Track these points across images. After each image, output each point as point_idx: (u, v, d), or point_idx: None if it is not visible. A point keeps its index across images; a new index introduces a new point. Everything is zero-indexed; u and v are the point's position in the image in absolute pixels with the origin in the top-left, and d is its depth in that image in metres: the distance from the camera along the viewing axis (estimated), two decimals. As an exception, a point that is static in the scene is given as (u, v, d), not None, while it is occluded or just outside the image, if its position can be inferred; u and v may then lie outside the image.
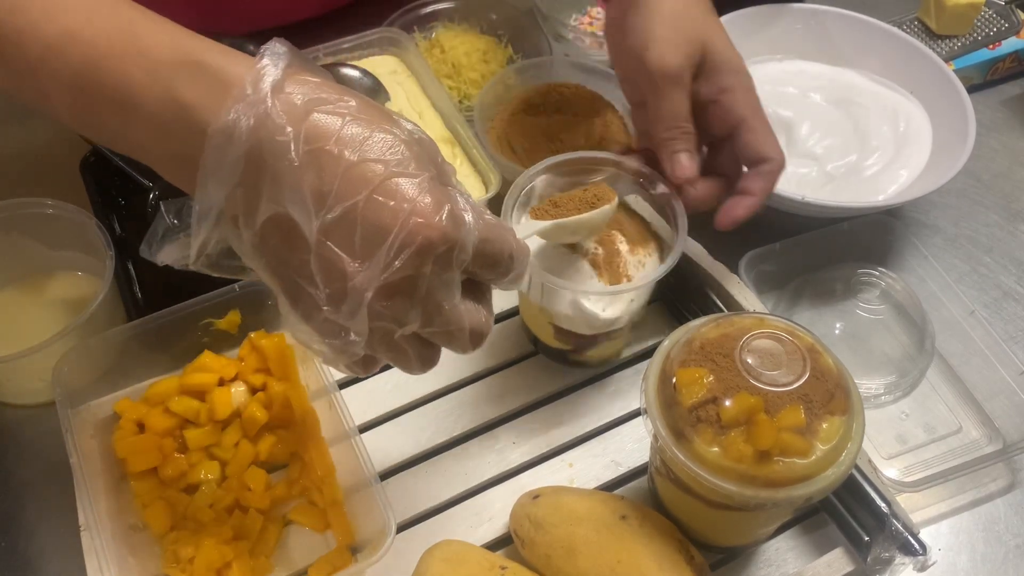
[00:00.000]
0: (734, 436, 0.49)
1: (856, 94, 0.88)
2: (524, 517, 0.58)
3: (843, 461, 0.50)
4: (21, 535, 0.63)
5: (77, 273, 0.73)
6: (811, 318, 0.75)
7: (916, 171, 0.81)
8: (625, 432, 0.67)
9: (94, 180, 0.75)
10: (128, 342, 0.64)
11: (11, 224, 0.70)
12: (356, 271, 0.40)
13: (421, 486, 0.64)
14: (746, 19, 0.89)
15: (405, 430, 0.66)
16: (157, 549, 0.60)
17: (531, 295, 0.63)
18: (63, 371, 0.61)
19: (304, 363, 0.66)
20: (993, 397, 0.70)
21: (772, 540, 0.62)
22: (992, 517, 0.65)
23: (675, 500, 0.58)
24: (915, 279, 0.76)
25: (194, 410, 0.63)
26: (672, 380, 0.52)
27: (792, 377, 0.50)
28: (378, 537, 0.56)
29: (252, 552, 0.59)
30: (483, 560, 0.56)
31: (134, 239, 0.73)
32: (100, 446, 0.62)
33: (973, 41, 0.95)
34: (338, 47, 0.82)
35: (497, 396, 0.68)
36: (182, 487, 0.62)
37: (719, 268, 0.71)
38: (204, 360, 0.65)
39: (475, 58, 0.87)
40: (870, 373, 0.72)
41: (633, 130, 0.82)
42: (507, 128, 0.81)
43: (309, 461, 0.63)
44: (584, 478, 0.64)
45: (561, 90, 0.82)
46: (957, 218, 0.85)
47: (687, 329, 0.55)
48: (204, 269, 0.45)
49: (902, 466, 0.67)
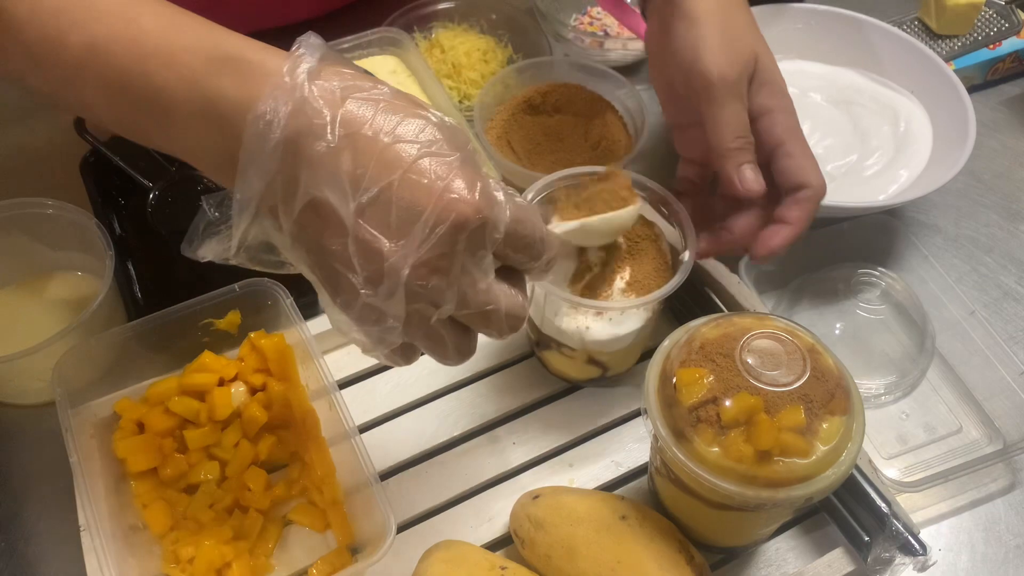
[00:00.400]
0: (734, 436, 0.49)
1: (856, 94, 0.88)
2: (524, 517, 0.58)
3: (843, 461, 0.50)
4: (21, 535, 0.63)
5: (77, 273, 0.73)
6: (811, 318, 0.75)
7: (916, 171, 0.81)
8: (625, 432, 0.67)
9: (94, 180, 0.75)
10: (128, 342, 0.64)
11: (11, 224, 0.70)
12: (393, 250, 0.41)
13: (421, 486, 0.64)
14: (746, 19, 0.89)
15: (405, 430, 0.66)
16: (157, 549, 0.60)
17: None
18: (63, 371, 0.61)
19: (304, 363, 0.66)
20: (993, 397, 0.70)
21: (772, 540, 0.62)
22: (992, 517, 0.65)
23: (675, 500, 0.58)
24: (915, 279, 0.76)
25: (194, 410, 0.63)
26: (672, 380, 0.52)
27: (792, 377, 0.50)
28: (378, 537, 0.55)
29: (252, 552, 0.59)
30: (483, 560, 0.56)
31: (134, 239, 0.74)
32: (100, 446, 0.62)
33: (973, 41, 0.95)
34: (338, 47, 0.82)
35: (497, 396, 0.68)
36: (182, 487, 0.62)
37: (719, 268, 0.71)
38: (204, 360, 0.65)
39: (475, 58, 0.87)
40: (870, 373, 0.72)
41: (633, 131, 0.82)
42: (507, 128, 0.81)
43: (309, 461, 0.62)
44: (584, 478, 0.64)
45: (561, 90, 0.82)
46: (957, 218, 0.85)
47: (687, 329, 0.55)
48: (245, 263, 0.46)
49: (902, 466, 0.67)
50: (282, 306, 0.65)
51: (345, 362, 0.69)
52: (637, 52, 0.92)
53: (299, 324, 0.64)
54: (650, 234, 0.63)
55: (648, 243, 0.63)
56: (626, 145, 0.80)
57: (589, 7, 0.98)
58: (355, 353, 0.70)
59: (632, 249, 0.63)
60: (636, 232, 0.63)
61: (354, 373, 0.69)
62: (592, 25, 0.96)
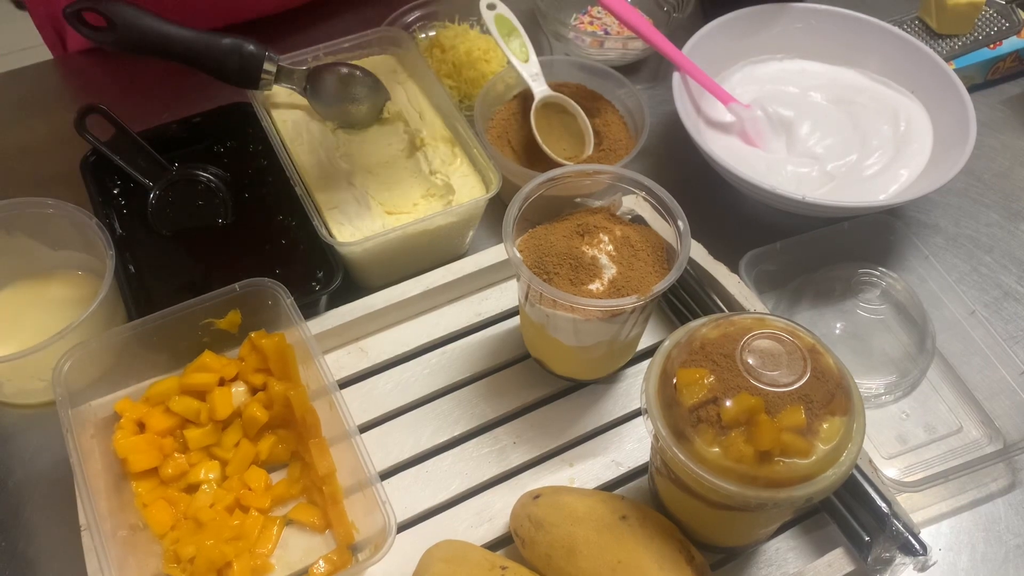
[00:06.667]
0: (735, 436, 0.49)
1: (856, 94, 0.88)
2: (524, 517, 0.58)
3: (844, 461, 0.50)
4: (21, 535, 0.63)
5: (77, 273, 0.73)
6: (811, 318, 0.75)
7: (916, 171, 0.81)
8: (625, 432, 0.67)
9: (94, 180, 0.75)
10: (128, 342, 0.64)
11: (11, 224, 0.70)
12: None
13: (421, 486, 0.64)
14: (746, 19, 0.89)
15: (405, 430, 0.66)
16: (157, 549, 0.60)
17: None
18: (63, 371, 0.60)
19: (304, 363, 0.66)
20: (993, 397, 0.70)
21: (772, 540, 0.62)
22: (992, 517, 0.65)
23: (675, 500, 0.58)
24: (915, 279, 0.76)
25: (194, 410, 0.64)
26: (673, 380, 0.52)
27: (793, 377, 0.50)
28: (378, 537, 0.56)
29: (252, 552, 0.59)
30: (483, 560, 0.56)
31: (134, 239, 0.74)
32: (100, 446, 0.62)
33: (974, 40, 0.95)
34: (338, 47, 0.82)
35: (497, 396, 0.68)
36: (182, 487, 0.62)
37: (719, 268, 0.71)
38: (204, 360, 0.65)
39: (475, 58, 0.87)
40: (870, 373, 0.72)
41: (633, 130, 0.82)
42: (507, 128, 0.81)
43: (309, 461, 0.62)
44: (584, 478, 0.64)
45: (561, 90, 0.82)
46: (958, 218, 0.85)
47: (687, 329, 0.55)
48: None
49: (902, 466, 0.67)
50: (282, 306, 0.65)
51: (345, 362, 0.69)
52: (637, 52, 0.92)
53: (299, 324, 0.64)
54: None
55: (644, 245, 0.63)
56: (626, 144, 0.80)
57: (589, 7, 0.98)
58: (355, 353, 0.70)
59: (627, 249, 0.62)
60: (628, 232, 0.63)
61: (354, 373, 0.69)
62: (592, 24, 0.96)
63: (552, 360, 0.68)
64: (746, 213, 0.83)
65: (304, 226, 0.72)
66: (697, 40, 0.86)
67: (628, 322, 0.62)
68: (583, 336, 0.62)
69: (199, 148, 0.80)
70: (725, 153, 0.80)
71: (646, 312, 0.63)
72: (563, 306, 0.59)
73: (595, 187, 0.65)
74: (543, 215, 0.64)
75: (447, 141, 0.78)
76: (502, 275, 0.75)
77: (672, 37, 0.85)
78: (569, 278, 0.60)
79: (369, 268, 0.73)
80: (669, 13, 0.96)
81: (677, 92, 0.82)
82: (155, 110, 0.83)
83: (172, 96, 0.88)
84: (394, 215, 0.73)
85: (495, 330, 0.72)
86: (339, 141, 0.78)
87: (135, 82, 0.91)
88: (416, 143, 0.77)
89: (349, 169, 0.75)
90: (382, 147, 0.78)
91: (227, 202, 0.75)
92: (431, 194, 0.74)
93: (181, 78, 0.76)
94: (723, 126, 0.85)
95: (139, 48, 0.72)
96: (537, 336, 0.66)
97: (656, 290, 0.58)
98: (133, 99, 0.89)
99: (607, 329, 0.61)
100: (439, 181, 0.75)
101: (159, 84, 0.90)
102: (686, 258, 0.59)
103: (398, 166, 0.76)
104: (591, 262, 0.60)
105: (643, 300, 0.58)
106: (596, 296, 0.59)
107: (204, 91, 0.78)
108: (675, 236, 0.61)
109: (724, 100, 0.84)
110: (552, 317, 0.61)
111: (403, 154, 0.77)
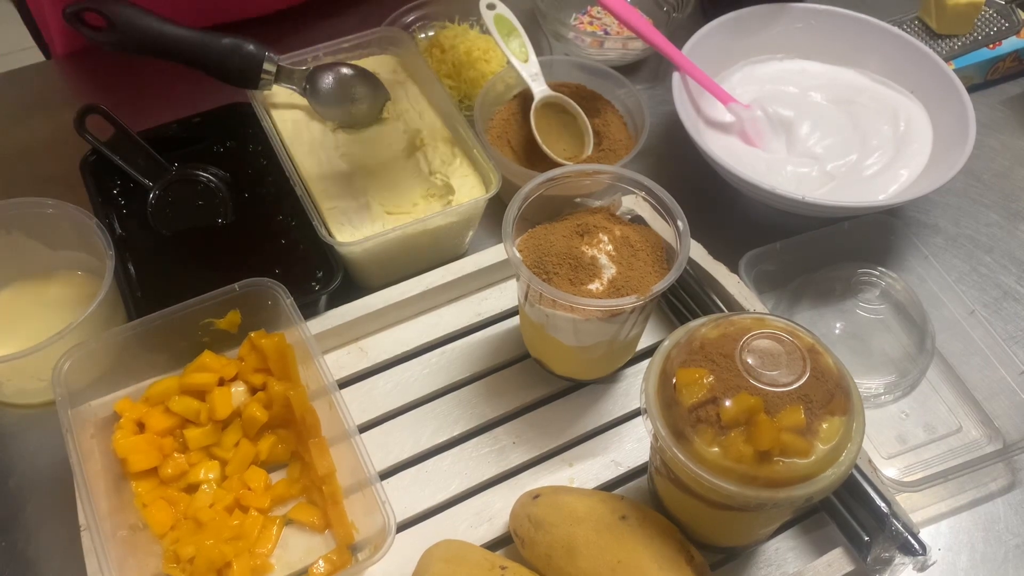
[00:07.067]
0: (734, 436, 0.49)
1: (856, 93, 0.88)
2: (524, 517, 0.58)
3: (843, 461, 0.50)
4: (21, 535, 0.63)
5: (77, 273, 0.73)
6: (811, 318, 0.75)
7: (916, 171, 0.81)
8: (625, 432, 0.67)
9: (94, 180, 0.75)
10: (128, 342, 0.64)
11: (11, 224, 0.70)
12: None
13: (421, 486, 0.64)
14: (746, 19, 0.89)
15: (405, 430, 0.66)
16: (157, 549, 0.60)
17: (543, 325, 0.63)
18: (63, 371, 0.60)
19: (304, 363, 0.66)
20: (993, 397, 0.70)
21: (772, 540, 0.62)
22: (992, 517, 0.65)
23: (675, 500, 0.58)
24: (915, 279, 0.76)
25: (194, 410, 0.64)
26: (672, 380, 0.52)
27: (792, 377, 0.50)
28: (378, 537, 0.56)
29: (252, 552, 0.59)
30: (483, 560, 0.56)
31: (134, 239, 0.74)
32: (100, 446, 0.62)
33: (973, 40, 0.95)
34: (338, 47, 0.82)
35: (497, 396, 0.68)
36: (182, 487, 0.62)
37: (719, 268, 0.71)
38: (204, 360, 0.65)
39: (475, 58, 0.87)
40: (870, 373, 0.72)
41: (633, 130, 0.82)
42: (507, 128, 0.81)
43: (309, 461, 0.62)
44: (584, 478, 0.64)
45: (561, 90, 0.82)
46: (957, 218, 0.85)
47: (687, 329, 0.55)
48: None
49: (902, 466, 0.67)
50: (282, 306, 0.65)
51: (345, 362, 0.69)
52: (637, 52, 0.92)
53: (299, 324, 0.64)
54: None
55: (644, 245, 0.63)
56: (626, 144, 0.80)
57: (589, 7, 0.98)
58: (355, 353, 0.70)
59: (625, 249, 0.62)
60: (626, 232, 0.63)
61: (354, 373, 0.69)
62: (592, 24, 0.96)
63: (552, 360, 0.68)
64: (746, 213, 0.83)
65: (304, 226, 0.72)
66: (697, 40, 0.86)
67: (628, 322, 0.62)
68: (583, 336, 0.62)
69: (199, 148, 0.80)
70: (725, 153, 0.80)
71: (646, 312, 0.63)
72: (563, 306, 0.59)
73: (595, 187, 0.65)
74: (543, 215, 0.64)
75: (447, 141, 0.78)
76: (502, 275, 0.75)
77: (672, 37, 0.85)
78: (569, 278, 0.60)
79: (369, 268, 0.73)
80: (669, 13, 0.96)
81: (677, 92, 0.82)
82: (155, 110, 0.83)
83: (172, 96, 0.88)
84: (394, 215, 0.73)
85: (495, 330, 0.72)
86: (339, 141, 0.78)
87: (135, 82, 0.91)
88: (416, 143, 0.78)
89: (349, 169, 0.75)
90: (382, 147, 0.78)
91: (227, 202, 0.75)
92: (431, 194, 0.74)
93: (181, 78, 0.76)
94: (723, 126, 0.85)
95: (139, 48, 0.72)
96: (537, 336, 0.66)
97: (656, 290, 0.58)
98: (133, 99, 0.89)
99: (607, 329, 0.61)
100: (439, 181, 0.75)
101: (159, 84, 0.90)
102: (686, 258, 0.59)
103: (398, 166, 0.76)
104: (591, 262, 0.60)
105: (643, 300, 0.58)
106: (596, 296, 0.59)
107: (204, 91, 0.78)
108: (675, 236, 0.61)
109: (724, 100, 0.85)
110: (552, 317, 0.61)
111: (403, 154, 0.77)
